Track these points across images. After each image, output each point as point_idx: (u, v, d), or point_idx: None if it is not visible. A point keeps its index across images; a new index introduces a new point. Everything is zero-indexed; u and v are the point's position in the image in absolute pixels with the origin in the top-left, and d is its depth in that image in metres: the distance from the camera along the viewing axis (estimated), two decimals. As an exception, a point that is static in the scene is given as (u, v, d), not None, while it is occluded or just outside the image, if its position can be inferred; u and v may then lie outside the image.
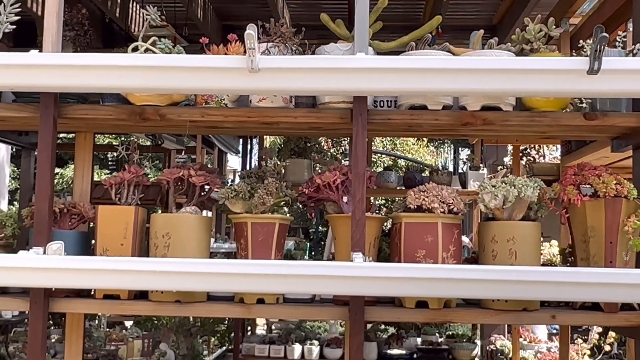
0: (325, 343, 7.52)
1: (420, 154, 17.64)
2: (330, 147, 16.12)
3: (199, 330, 7.77)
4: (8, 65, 3.11)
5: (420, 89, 3.10)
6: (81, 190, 3.75)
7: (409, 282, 2.97)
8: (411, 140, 17.21)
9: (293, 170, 6.93)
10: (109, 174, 14.86)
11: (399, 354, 7.40)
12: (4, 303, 3.51)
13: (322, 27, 3.78)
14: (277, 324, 9.21)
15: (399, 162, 16.08)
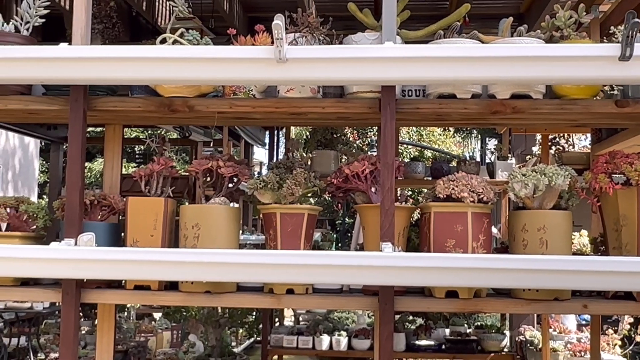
0: (354, 334, 7.52)
1: (447, 145, 17.55)
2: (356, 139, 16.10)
3: (228, 321, 7.80)
4: (38, 59, 3.13)
5: (449, 77, 3.07)
6: (111, 182, 3.77)
7: (439, 272, 2.96)
8: (437, 131, 17.13)
9: (320, 161, 6.94)
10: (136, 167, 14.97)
11: (427, 344, 7.38)
12: (37, 294, 3.55)
13: (348, 17, 3.76)
14: (304, 315, 9.23)
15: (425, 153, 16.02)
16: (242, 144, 12.07)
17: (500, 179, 6.88)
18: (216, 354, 7.66)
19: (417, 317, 8.17)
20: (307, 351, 7.58)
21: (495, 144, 8.56)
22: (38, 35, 3.50)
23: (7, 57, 3.14)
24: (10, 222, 3.51)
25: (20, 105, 3.45)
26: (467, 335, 7.57)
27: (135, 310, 10.45)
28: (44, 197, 16.49)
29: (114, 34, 4.14)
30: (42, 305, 8.79)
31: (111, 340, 3.68)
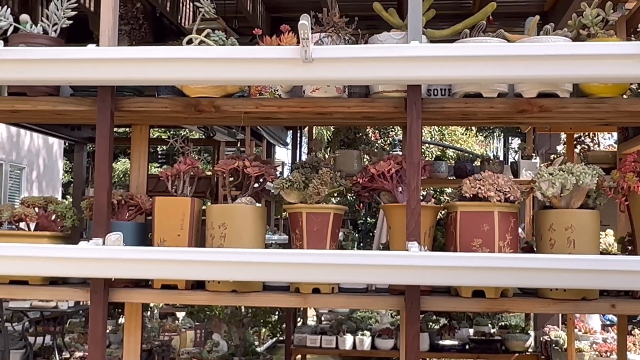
0: (377, 334, 7.51)
1: (469, 144, 17.48)
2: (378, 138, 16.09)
3: (251, 321, 7.83)
4: (66, 60, 3.16)
5: (475, 76, 3.06)
6: (137, 182, 3.80)
7: (465, 272, 2.95)
8: (460, 130, 17.07)
9: (343, 161, 6.93)
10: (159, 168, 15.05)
11: (451, 344, 7.35)
12: (65, 293, 3.58)
13: (371, 17, 3.76)
14: (326, 314, 9.23)
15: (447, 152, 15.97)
16: (264, 143, 12.11)
17: (524, 178, 6.85)
18: (240, 353, 7.68)
19: (441, 316, 8.15)
20: (330, 351, 7.58)
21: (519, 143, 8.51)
22: (63, 36, 3.53)
23: (35, 59, 3.18)
24: (39, 222, 3.55)
25: (48, 106, 3.48)
26: (492, 335, 7.53)
27: (159, 310, 10.51)
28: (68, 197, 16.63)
29: (140, 35, 4.17)
30: (66, 305, 8.86)
31: (138, 339, 3.70)
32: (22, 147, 15.17)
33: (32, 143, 15.54)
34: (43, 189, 15.92)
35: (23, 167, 15.22)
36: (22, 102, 3.49)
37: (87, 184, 11.47)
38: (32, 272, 3.30)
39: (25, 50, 3.23)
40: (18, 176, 15.09)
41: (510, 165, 7.48)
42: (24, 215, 3.50)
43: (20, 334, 8.64)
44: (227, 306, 7.53)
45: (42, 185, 16.09)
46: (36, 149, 15.87)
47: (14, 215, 3.51)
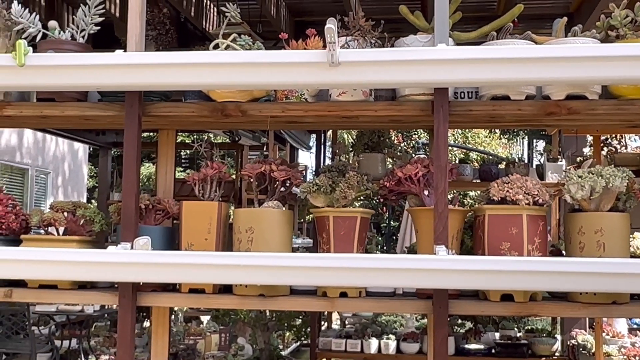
0: (402, 337, 7.47)
1: (492, 147, 17.40)
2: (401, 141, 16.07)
3: (276, 324, 7.83)
4: (95, 66, 3.19)
5: (503, 79, 3.05)
6: (164, 186, 3.82)
7: (494, 275, 2.94)
8: (483, 133, 16.99)
9: (367, 164, 6.90)
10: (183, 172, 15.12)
11: (477, 348, 7.30)
12: (94, 297, 3.61)
13: (395, 20, 3.76)
14: (350, 318, 9.21)
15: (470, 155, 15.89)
16: (288, 147, 12.12)
17: (550, 181, 6.79)
18: (264, 357, 7.69)
19: (466, 320, 8.10)
20: (355, 354, 7.54)
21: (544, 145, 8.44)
22: (89, 43, 3.56)
23: (64, 65, 3.21)
24: (67, 226, 3.58)
25: (77, 111, 3.52)
26: (518, 339, 7.47)
27: (183, 313, 10.54)
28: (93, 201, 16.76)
29: (167, 40, 4.19)
30: (92, 308, 8.93)
31: (166, 342, 3.72)
32: (48, 153, 15.32)
33: (57, 148, 15.69)
34: (68, 194, 16.05)
35: (49, 172, 15.36)
36: (51, 108, 3.53)
37: (112, 189, 11.55)
38: (62, 277, 3.33)
39: (54, 57, 3.26)
40: (44, 181, 15.24)
41: (535, 167, 7.43)
42: (53, 220, 3.53)
43: (47, 338, 8.71)
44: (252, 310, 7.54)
45: (68, 190, 16.22)
46: (61, 154, 16.01)
47: (43, 220, 3.55)
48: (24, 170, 14.32)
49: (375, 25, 3.45)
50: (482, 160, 13.20)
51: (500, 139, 17.55)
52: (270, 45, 4.86)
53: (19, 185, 14.12)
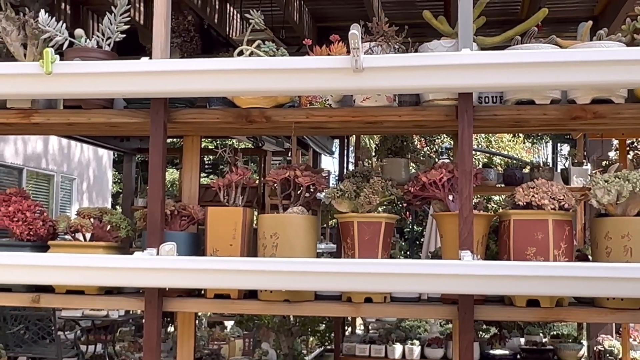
0: (426, 343, 7.45)
1: (516, 151, 17.30)
2: (424, 146, 16.03)
3: (300, 329, 7.83)
4: (120, 73, 3.22)
5: (528, 83, 3.03)
6: (189, 192, 3.84)
7: (520, 280, 2.92)
8: (506, 137, 16.90)
9: (390, 169, 6.90)
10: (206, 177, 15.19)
11: (502, 354, 7.25)
12: (120, 303, 3.64)
13: (417, 25, 3.75)
14: (374, 323, 9.19)
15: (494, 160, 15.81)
16: (311, 153, 12.14)
17: (575, 185, 6.74)
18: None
19: (491, 325, 8.05)
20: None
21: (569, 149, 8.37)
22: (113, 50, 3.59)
23: (91, 72, 3.24)
24: (94, 232, 3.61)
25: (103, 118, 3.55)
26: (543, 344, 7.41)
27: (207, 319, 10.58)
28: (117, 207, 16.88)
29: (192, 47, 4.23)
30: (117, 313, 9.00)
31: (191, 348, 3.74)
32: (73, 159, 15.46)
33: (82, 154, 15.83)
34: (93, 200, 16.19)
35: (74, 178, 15.50)
36: (78, 115, 3.56)
37: (136, 195, 11.62)
38: (89, 282, 3.35)
39: (80, 64, 3.29)
40: (69, 187, 15.38)
41: (560, 172, 7.38)
42: (80, 226, 3.56)
43: (73, 343, 8.79)
44: (276, 315, 7.55)
45: (92, 195, 16.36)
46: (86, 160, 16.16)
47: (70, 226, 3.58)
48: (49, 177, 14.46)
49: (399, 31, 3.45)
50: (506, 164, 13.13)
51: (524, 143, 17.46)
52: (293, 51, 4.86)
53: (44, 191, 14.26)
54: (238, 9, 6.87)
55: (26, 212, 3.57)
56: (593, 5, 7.47)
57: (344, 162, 8.43)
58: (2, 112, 3.60)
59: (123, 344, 9.21)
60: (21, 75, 3.28)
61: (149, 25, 6.29)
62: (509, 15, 7.32)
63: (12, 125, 3.76)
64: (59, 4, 6.09)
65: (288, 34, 7.02)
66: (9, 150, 12.80)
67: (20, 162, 13.17)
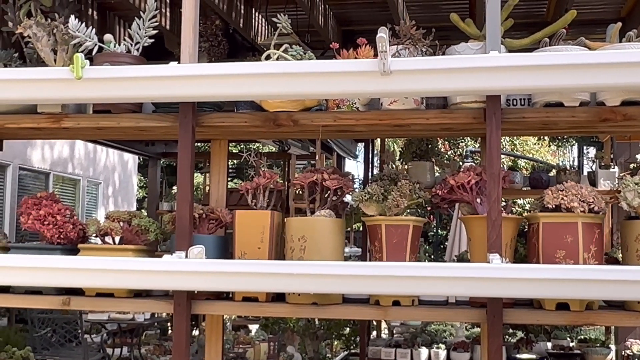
0: (452, 347, 7.43)
1: (541, 154, 17.19)
2: (448, 149, 15.97)
3: (325, 333, 7.84)
4: (150, 77, 3.25)
5: (557, 85, 3.02)
6: (217, 195, 3.86)
7: (549, 284, 2.90)
8: (532, 140, 16.81)
9: (415, 172, 6.89)
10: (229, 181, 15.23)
11: (529, 358, 7.21)
12: (149, 305, 3.66)
13: (442, 28, 3.75)
14: (398, 327, 9.17)
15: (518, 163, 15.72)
16: (334, 156, 12.14)
17: (603, 188, 6.68)
18: (313, 366, 7.70)
19: (518, 329, 8.01)
20: (405, 364, 7.52)
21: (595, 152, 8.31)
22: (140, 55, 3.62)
23: (120, 77, 3.27)
24: (123, 236, 3.64)
25: (132, 122, 3.58)
26: (570, 348, 7.36)
27: (232, 322, 10.61)
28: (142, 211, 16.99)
29: (219, 52, 4.25)
30: (143, 317, 9.06)
31: (219, 350, 3.75)
32: (99, 163, 15.59)
33: (107, 159, 15.96)
34: (118, 204, 16.31)
35: (99, 183, 15.63)
36: (107, 119, 3.60)
37: (161, 199, 11.69)
38: (119, 285, 3.38)
39: (110, 69, 3.33)
40: (95, 191, 15.51)
41: (587, 175, 7.32)
42: (110, 229, 3.60)
43: (99, 346, 8.87)
44: (301, 318, 7.56)
45: (118, 200, 16.49)
46: (112, 165, 16.29)
47: (100, 230, 3.62)
48: (75, 181, 14.60)
49: (426, 34, 3.45)
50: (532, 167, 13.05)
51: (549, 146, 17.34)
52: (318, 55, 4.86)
53: (70, 195, 14.40)
54: (263, 13, 6.90)
55: (57, 215, 3.61)
56: (620, 6, 7.40)
57: (368, 166, 8.44)
58: (33, 116, 3.64)
59: (148, 347, 9.26)
60: (52, 80, 3.32)
61: (175, 30, 6.36)
62: (534, 18, 7.28)
63: (43, 130, 3.80)
64: (86, 10, 6.15)
65: (313, 38, 7.04)
66: (36, 155, 12.94)
67: (47, 167, 13.31)
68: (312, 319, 7.46)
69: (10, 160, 11.65)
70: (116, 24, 6.72)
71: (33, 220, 3.61)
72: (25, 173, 12.62)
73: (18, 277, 3.34)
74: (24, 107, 3.67)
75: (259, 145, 9.75)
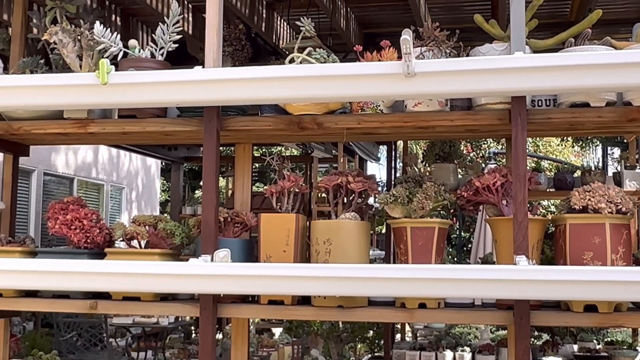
0: (477, 349, 7.38)
1: (565, 155, 17.05)
2: (470, 151, 15.90)
3: (349, 336, 7.82)
4: (175, 82, 3.26)
5: (583, 85, 2.99)
6: (242, 199, 3.87)
7: (577, 285, 2.88)
8: (555, 141, 16.68)
9: (438, 175, 6.85)
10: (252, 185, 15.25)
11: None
12: (175, 309, 3.68)
13: (464, 30, 3.73)
14: (421, 330, 9.14)
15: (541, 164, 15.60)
16: (356, 159, 12.12)
17: (629, 189, 6.62)
18: (338, 369, 7.68)
19: (543, 332, 7.94)
20: (430, 366, 7.48)
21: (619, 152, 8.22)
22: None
23: (145, 82, 3.30)
24: (149, 240, 3.66)
25: (157, 127, 3.60)
26: (597, 351, 7.29)
27: (255, 325, 10.63)
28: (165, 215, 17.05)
29: (243, 56, 4.26)
30: (167, 320, 9.10)
31: (245, 353, 3.76)
32: (122, 168, 15.68)
33: (131, 164, 16.04)
34: (142, 208, 16.39)
35: (123, 187, 15.72)
36: (132, 124, 3.62)
37: (184, 203, 11.73)
38: (145, 289, 3.40)
39: (135, 74, 3.35)
40: (118, 196, 15.60)
41: (612, 175, 7.25)
42: (136, 234, 3.62)
43: (124, 349, 8.92)
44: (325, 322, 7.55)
45: (141, 204, 16.57)
46: (135, 170, 16.37)
47: (126, 234, 3.64)
48: (99, 186, 14.69)
49: (450, 35, 3.44)
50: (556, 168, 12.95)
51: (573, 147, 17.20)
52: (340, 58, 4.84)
53: (94, 200, 14.49)
54: (285, 17, 6.90)
55: (83, 220, 3.63)
56: (644, 5, 7.33)
57: (391, 169, 8.42)
58: (60, 122, 3.68)
59: (173, 351, 9.29)
60: (78, 86, 3.35)
61: (197, 35, 6.38)
62: (557, 18, 7.22)
63: (69, 135, 3.84)
64: (109, 16, 6.19)
65: (334, 41, 7.03)
66: (61, 160, 13.04)
67: (71, 172, 13.41)
68: (336, 321, 7.45)
69: (35, 166, 11.74)
70: (139, 30, 6.76)
71: (60, 225, 3.64)
72: (49, 178, 12.72)
73: (46, 281, 3.37)
74: (50, 113, 3.71)
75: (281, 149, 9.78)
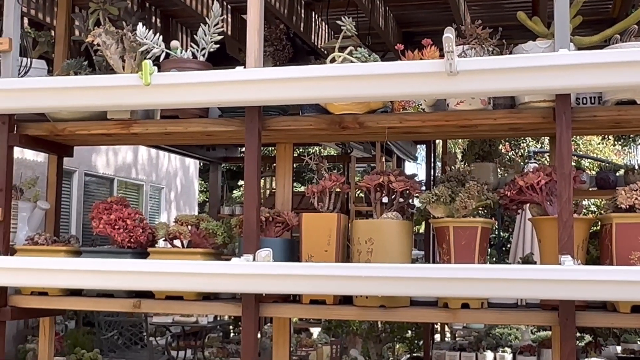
0: (518, 350, 7.32)
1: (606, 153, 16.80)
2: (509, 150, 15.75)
3: (388, 336, 7.80)
4: (217, 82, 3.28)
5: (629, 82, 2.95)
6: (283, 199, 3.88)
7: (625, 286, 2.84)
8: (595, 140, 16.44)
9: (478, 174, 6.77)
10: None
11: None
12: (218, 308, 3.70)
13: (505, 27, 3.69)
14: (460, 331, 9.08)
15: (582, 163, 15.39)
16: (394, 159, 12.07)
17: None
18: (377, 369, 7.67)
19: (585, 333, 7.84)
20: (469, 367, 7.44)
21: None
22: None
23: (187, 82, 3.32)
24: (191, 239, 3.68)
25: (199, 127, 3.62)
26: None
27: (293, 325, 10.65)
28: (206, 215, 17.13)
29: (284, 56, 4.27)
30: (206, 320, 9.16)
31: (286, 353, 3.77)
32: (161, 169, 15.81)
33: (169, 164, 16.17)
34: (180, 208, 16.51)
35: (162, 188, 15.85)
36: (175, 125, 3.65)
37: (222, 203, 11.78)
38: (188, 288, 3.42)
39: (177, 75, 3.37)
40: (157, 196, 15.73)
41: (657, 174, 7.11)
42: (178, 233, 3.64)
43: (164, 348, 8.99)
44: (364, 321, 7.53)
45: (180, 204, 16.69)
46: (174, 170, 16.50)
47: (168, 233, 3.67)
48: (139, 186, 14.83)
49: (492, 33, 3.40)
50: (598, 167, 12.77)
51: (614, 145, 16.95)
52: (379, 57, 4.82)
53: (134, 200, 14.63)
54: (324, 17, 6.90)
55: (127, 219, 3.67)
56: (690, 0, 7.20)
57: (430, 168, 8.37)
58: (103, 123, 3.72)
59: (212, 350, 9.35)
60: (121, 87, 3.39)
61: (236, 35, 6.40)
62: (599, 15, 7.12)
63: (112, 136, 3.88)
64: (150, 18, 6.25)
65: (373, 40, 7.01)
66: (101, 161, 13.19)
67: (111, 173, 13.56)
68: (375, 321, 7.43)
69: (76, 167, 11.89)
70: (178, 31, 6.82)
71: (104, 225, 3.68)
72: (90, 179, 12.88)
73: (90, 280, 3.41)
74: (93, 114, 3.76)
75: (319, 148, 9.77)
